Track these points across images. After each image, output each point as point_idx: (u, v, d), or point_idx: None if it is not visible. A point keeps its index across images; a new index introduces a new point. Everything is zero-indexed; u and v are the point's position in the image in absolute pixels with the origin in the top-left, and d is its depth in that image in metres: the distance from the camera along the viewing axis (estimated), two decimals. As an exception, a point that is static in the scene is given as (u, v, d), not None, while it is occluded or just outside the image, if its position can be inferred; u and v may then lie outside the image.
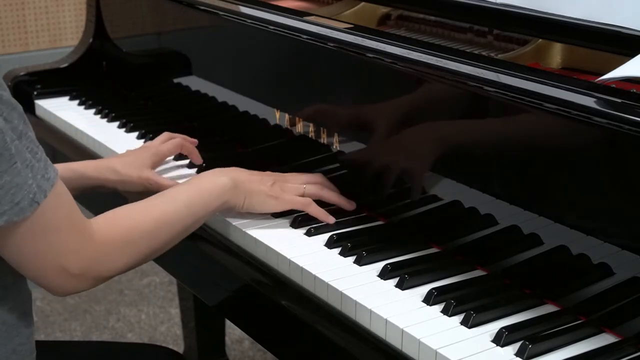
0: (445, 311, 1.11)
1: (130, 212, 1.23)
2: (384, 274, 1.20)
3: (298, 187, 1.38)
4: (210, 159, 1.61)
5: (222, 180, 1.32)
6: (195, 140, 1.62)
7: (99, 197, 1.70)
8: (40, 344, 1.28)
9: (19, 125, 1.08)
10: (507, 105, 1.17)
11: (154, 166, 1.54)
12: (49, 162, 1.10)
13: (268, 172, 1.40)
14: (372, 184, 1.41)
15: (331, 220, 1.35)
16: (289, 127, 1.55)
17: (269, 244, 1.30)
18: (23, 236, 1.09)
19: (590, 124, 1.07)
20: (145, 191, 1.51)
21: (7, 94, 1.06)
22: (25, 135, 1.08)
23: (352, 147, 1.44)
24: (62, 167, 1.48)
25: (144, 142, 1.74)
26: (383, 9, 1.65)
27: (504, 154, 1.22)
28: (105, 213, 1.21)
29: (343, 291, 1.17)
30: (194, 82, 1.84)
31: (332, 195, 1.39)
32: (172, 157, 1.62)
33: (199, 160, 1.60)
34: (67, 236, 1.12)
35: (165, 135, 1.61)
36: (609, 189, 1.10)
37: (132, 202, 1.28)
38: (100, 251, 1.16)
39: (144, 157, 1.53)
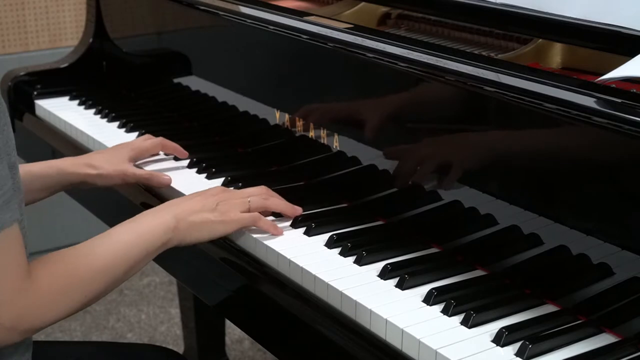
0: (445, 311, 1.11)
1: (70, 258, 1.17)
2: (384, 274, 1.20)
3: (243, 202, 1.33)
4: (210, 159, 1.61)
5: (162, 220, 1.26)
6: (173, 144, 1.61)
7: (98, 199, 1.70)
8: (39, 344, 1.28)
9: None
10: (507, 105, 1.17)
11: (132, 161, 1.55)
12: (11, 206, 1.06)
13: (209, 191, 1.35)
14: (372, 183, 1.41)
15: (280, 232, 1.33)
16: (289, 127, 1.55)
17: (269, 244, 1.30)
18: None
19: (590, 124, 1.07)
20: (123, 184, 1.53)
21: None
22: None
23: (352, 147, 1.44)
24: (43, 165, 1.50)
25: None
26: (383, 9, 1.65)
27: (504, 154, 1.22)
28: (44, 257, 1.16)
29: (343, 291, 1.17)
30: (194, 82, 1.84)
31: (277, 204, 1.36)
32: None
33: (183, 154, 1.61)
34: (4, 284, 1.08)
35: (147, 135, 1.63)
36: (609, 189, 1.10)
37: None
38: (35, 302, 1.11)
39: (122, 152, 1.54)
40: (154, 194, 1.55)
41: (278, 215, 1.38)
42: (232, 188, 1.44)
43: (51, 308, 1.14)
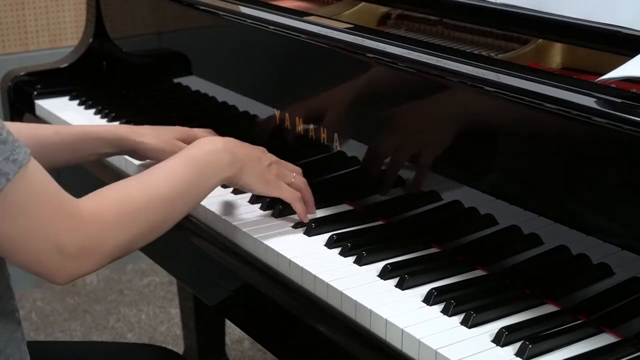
0: (445, 311, 1.11)
1: (122, 188, 1.19)
2: (384, 274, 1.20)
3: (288, 175, 1.37)
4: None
5: (222, 156, 1.28)
6: None
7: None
8: (40, 344, 1.28)
9: None
10: (507, 105, 1.17)
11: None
12: (19, 143, 1.05)
13: (263, 149, 1.38)
14: (371, 183, 1.41)
15: (306, 219, 1.35)
16: (289, 127, 1.55)
17: (269, 244, 1.30)
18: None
19: (590, 124, 1.07)
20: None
21: None
22: None
23: (352, 147, 1.44)
24: (103, 129, 1.52)
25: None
26: (383, 9, 1.65)
27: (504, 154, 1.22)
28: (94, 192, 1.17)
29: (343, 291, 1.17)
30: (194, 82, 1.84)
31: (309, 195, 1.39)
32: None
33: None
34: (52, 215, 1.07)
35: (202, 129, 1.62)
36: (609, 189, 1.10)
37: None
38: (92, 226, 1.11)
39: (172, 131, 1.54)
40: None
41: (279, 215, 1.38)
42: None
43: (113, 233, 1.14)
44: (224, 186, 1.44)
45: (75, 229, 1.10)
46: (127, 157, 1.59)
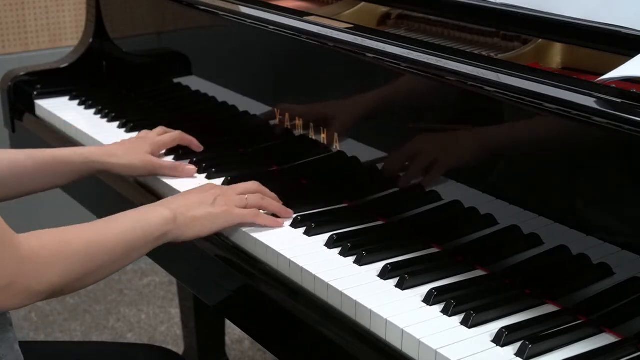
0: (445, 311, 1.11)
1: (64, 230, 1.18)
2: (384, 274, 1.20)
3: (241, 199, 1.34)
4: (210, 159, 1.61)
5: (161, 211, 1.27)
6: (190, 137, 1.64)
7: (98, 199, 1.70)
8: (40, 344, 1.28)
9: None
10: (507, 105, 1.17)
11: (151, 154, 1.57)
12: None
13: (204, 187, 1.37)
14: (371, 183, 1.41)
15: (280, 223, 1.34)
16: (289, 127, 1.55)
17: (269, 244, 1.30)
18: None
19: (590, 124, 1.07)
20: (146, 174, 1.55)
21: None
22: None
23: (352, 147, 1.44)
24: (71, 151, 1.53)
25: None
26: (383, 9, 1.65)
27: (504, 154, 1.22)
28: (33, 231, 1.15)
29: (343, 291, 1.17)
30: (194, 82, 1.84)
31: (272, 204, 1.37)
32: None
33: (199, 147, 1.63)
34: None
35: (161, 128, 1.64)
36: (609, 189, 1.10)
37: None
38: (27, 263, 1.10)
39: (143, 146, 1.56)
40: (153, 192, 1.56)
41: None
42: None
43: (45, 271, 1.12)
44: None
45: (8, 261, 1.08)
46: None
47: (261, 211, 1.36)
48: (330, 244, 1.29)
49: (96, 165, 1.52)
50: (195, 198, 1.33)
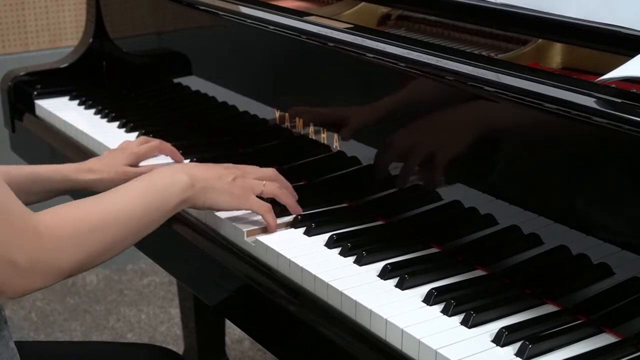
0: (445, 311, 1.11)
1: (79, 206, 1.18)
2: (384, 274, 1.20)
3: (258, 185, 1.34)
4: (210, 159, 1.61)
5: (180, 177, 1.27)
6: (171, 147, 1.62)
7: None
8: (39, 344, 1.28)
9: None
10: (507, 105, 1.17)
11: (130, 165, 1.55)
12: None
13: (226, 165, 1.36)
14: (371, 183, 1.41)
15: (275, 230, 1.33)
16: (289, 127, 1.55)
17: (269, 244, 1.30)
18: None
19: (590, 124, 1.07)
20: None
21: None
22: None
23: (352, 147, 1.44)
24: (48, 168, 1.51)
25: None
26: (383, 9, 1.65)
27: (504, 154, 1.22)
28: (53, 207, 1.16)
29: (343, 291, 1.17)
30: (194, 82, 1.84)
31: (287, 197, 1.37)
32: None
33: (180, 158, 1.62)
34: (7, 227, 1.07)
35: (142, 138, 1.63)
36: (609, 189, 1.10)
37: None
38: (47, 242, 1.10)
39: (120, 157, 1.54)
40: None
41: (279, 215, 1.38)
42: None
43: (66, 250, 1.13)
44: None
45: (28, 244, 1.09)
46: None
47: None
48: (330, 244, 1.29)
49: (73, 184, 1.50)
50: (214, 171, 1.32)
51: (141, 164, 1.58)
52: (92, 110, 1.95)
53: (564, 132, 1.12)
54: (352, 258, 1.25)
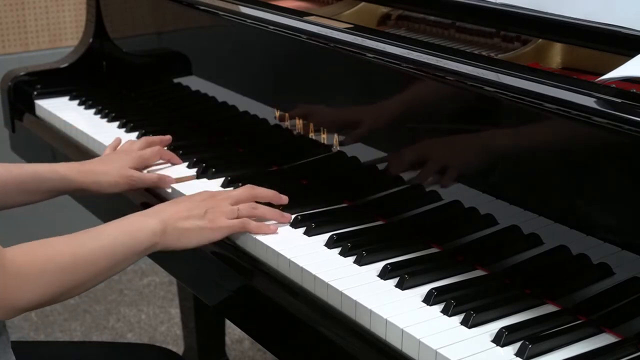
0: (445, 311, 1.11)
1: (49, 244, 1.17)
2: (384, 274, 1.20)
3: (232, 210, 1.33)
4: (210, 159, 1.61)
5: (150, 223, 1.26)
6: (169, 138, 1.63)
7: (98, 199, 1.70)
8: (40, 344, 1.28)
9: None
10: (507, 105, 1.17)
11: (133, 169, 1.54)
12: None
13: (196, 197, 1.35)
14: (371, 183, 1.41)
15: (273, 230, 1.33)
16: (289, 127, 1.55)
17: (269, 244, 1.30)
18: None
19: (590, 124, 1.07)
20: (128, 189, 1.52)
21: None
22: None
23: (352, 147, 1.44)
24: (47, 168, 1.49)
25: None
26: (383, 9, 1.65)
27: (504, 154, 1.22)
28: (22, 244, 1.15)
29: (343, 291, 1.17)
30: (194, 82, 1.84)
31: (265, 211, 1.36)
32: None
33: (179, 161, 1.61)
34: None
35: (144, 140, 1.61)
36: (609, 189, 1.10)
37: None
38: (12, 279, 1.10)
39: (125, 160, 1.53)
40: (154, 194, 1.55)
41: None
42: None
43: (30, 289, 1.12)
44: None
45: None
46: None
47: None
48: (330, 244, 1.29)
49: (75, 185, 1.49)
50: (185, 209, 1.31)
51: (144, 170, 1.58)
52: (92, 110, 1.95)
53: (564, 132, 1.12)
54: (352, 258, 1.25)
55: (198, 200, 1.34)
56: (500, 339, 1.05)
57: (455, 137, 1.28)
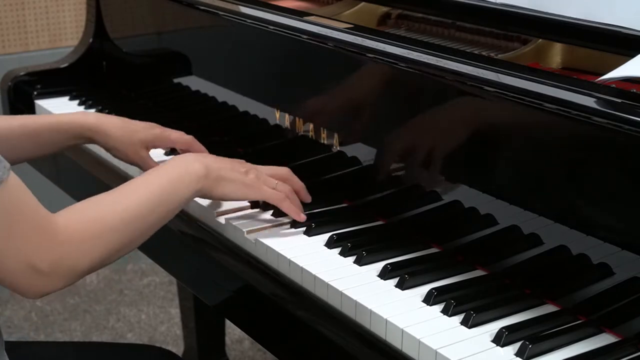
0: (445, 311, 1.11)
1: (98, 205, 1.17)
2: (384, 274, 1.20)
3: (271, 180, 1.34)
4: (210, 159, 1.61)
5: (194, 167, 1.26)
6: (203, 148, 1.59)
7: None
8: (39, 345, 1.28)
9: None
10: (507, 105, 1.17)
11: (151, 146, 1.52)
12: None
13: (239, 160, 1.36)
14: (372, 183, 1.41)
15: (302, 218, 1.34)
16: (289, 127, 1.55)
17: (269, 244, 1.30)
18: None
19: (590, 124, 1.07)
20: (151, 145, 1.51)
21: None
22: None
23: (352, 147, 1.44)
24: (45, 120, 1.48)
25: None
26: (383, 9, 1.65)
27: (504, 153, 1.22)
28: (70, 206, 1.15)
29: (343, 291, 1.17)
30: (194, 82, 1.84)
31: (294, 202, 1.36)
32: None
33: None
34: (28, 232, 1.07)
35: (180, 133, 1.57)
36: (609, 189, 1.10)
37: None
38: (67, 245, 1.10)
39: (147, 134, 1.51)
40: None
41: (279, 215, 1.38)
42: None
43: (86, 252, 1.12)
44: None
45: (49, 247, 1.09)
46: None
47: None
48: (330, 244, 1.29)
49: (82, 141, 1.49)
50: (228, 162, 1.32)
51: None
52: (92, 111, 1.95)
53: (564, 132, 1.12)
54: (352, 258, 1.25)
55: (241, 162, 1.35)
56: (500, 339, 1.05)
57: (455, 137, 1.28)
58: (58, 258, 1.10)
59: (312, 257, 1.26)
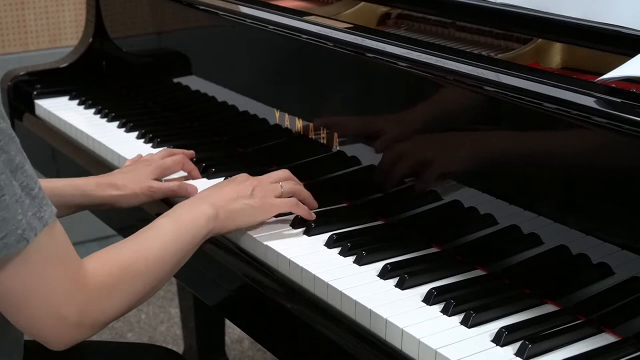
0: (445, 311, 1.11)
1: (119, 252, 1.16)
2: (384, 274, 1.20)
3: (276, 187, 1.34)
4: (210, 159, 1.61)
5: (203, 209, 1.26)
6: (193, 153, 1.59)
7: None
8: (40, 344, 1.28)
9: (16, 158, 1.00)
10: (507, 105, 1.17)
11: (155, 179, 1.50)
12: (47, 201, 1.04)
13: (238, 178, 1.35)
14: (371, 183, 1.41)
15: (314, 217, 1.34)
16: (289, 127, 1.55)
17: (269, 244, 1.30)
18: (9, 277, 1.02)
19: (590, 124, 1.07)
20: (148, 201, 1.48)
21: (5, 125, 0.99)
22: (21, 169, 1.01)
23: (352, 147, 1.44)
24: (65, 183, 1.46)
25: (144, 142, 1.74)
26: (383, 9, 1.65)
27: (504, 153, 1.22)
28: (96, 253, 1.15)
29: (343, 291, 1.17)
30: (194, 82, 1.84)
31: (306, 195, 1.37)
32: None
33: (199, 176, 1.57)
34: (60, 280, 1.06)
35: (166, 151, 1.57)
36: (609, 189, 1.10)
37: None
38: (95, 295, 1.09)
39: (145, 172, 1.49)
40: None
41: (278, 215, 1.38)
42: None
43: (112, 301, 1.12)
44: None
45: (79, 296, 1.08)
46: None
47: None
48: (330, 244, 1.29)
49: (96, 200, 1.45)
50: (232, 191, 1.31)
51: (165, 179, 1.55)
52: (92, 110, 1.95)
53: (564, 132, 1.12)
54: (352, 258, 1.25)
55: (241, 182, 1.34)
56: (500, 339, 1.05)
57: (455, 137, 1.28)
58: (85, 309, 1.08)
59: (312, 257, 1.26)
